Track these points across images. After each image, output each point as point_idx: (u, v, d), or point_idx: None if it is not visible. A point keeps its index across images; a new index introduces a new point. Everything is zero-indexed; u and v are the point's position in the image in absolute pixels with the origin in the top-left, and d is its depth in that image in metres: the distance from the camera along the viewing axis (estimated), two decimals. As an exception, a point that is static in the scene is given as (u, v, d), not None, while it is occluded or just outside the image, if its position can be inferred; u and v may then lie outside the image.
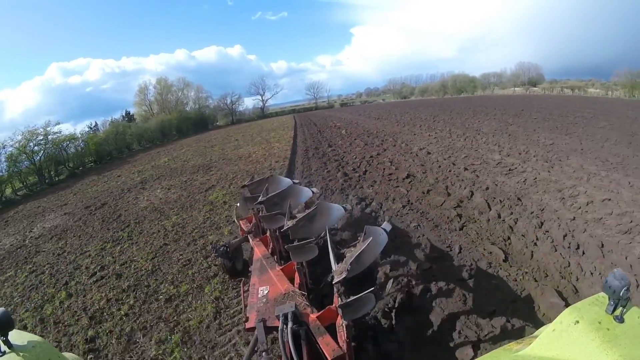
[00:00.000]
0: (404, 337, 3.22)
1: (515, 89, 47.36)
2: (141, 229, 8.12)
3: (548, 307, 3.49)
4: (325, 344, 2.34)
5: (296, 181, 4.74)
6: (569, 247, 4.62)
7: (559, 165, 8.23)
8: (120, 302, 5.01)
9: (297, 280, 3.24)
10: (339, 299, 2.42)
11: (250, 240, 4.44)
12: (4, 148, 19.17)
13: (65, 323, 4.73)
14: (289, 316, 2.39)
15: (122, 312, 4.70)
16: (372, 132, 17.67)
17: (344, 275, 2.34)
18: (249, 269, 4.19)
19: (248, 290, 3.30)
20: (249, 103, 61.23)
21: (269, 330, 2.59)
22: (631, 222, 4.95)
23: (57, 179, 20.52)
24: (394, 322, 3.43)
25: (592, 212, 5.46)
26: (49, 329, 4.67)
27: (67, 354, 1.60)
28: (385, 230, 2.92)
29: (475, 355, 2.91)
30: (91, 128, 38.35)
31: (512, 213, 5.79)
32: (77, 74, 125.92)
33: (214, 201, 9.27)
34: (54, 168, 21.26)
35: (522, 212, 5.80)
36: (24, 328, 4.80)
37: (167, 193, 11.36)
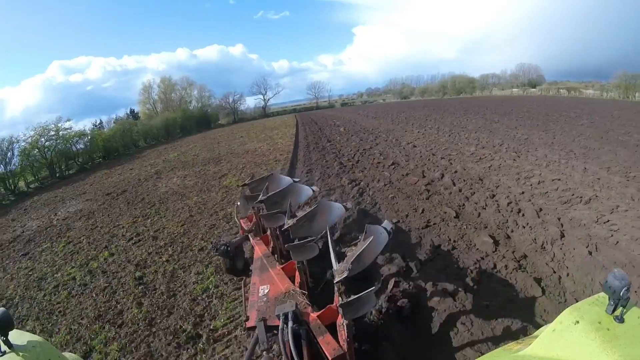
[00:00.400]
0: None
1: (513, 90, 48.38)
2: (167, 207, 9.12)
3: (481, 243, 4.81)
4: (326, 343, 2.35)
5: (296, 180, 4.73)
6: (511, 211, 5.78)
7: (525, 155, 9.38)
8: (159, 254, 6.15)
9: (297, 279, 3.24)
10: (340, 298, 2.42)
11: (251, 239, 4.44)
12: (17, 143, 19.92)
13: (113, 271, 5.81)
14: (289, 315, 2.40)
15: (164, 259, 5.86)
16: (368, 130, 18.63)
17: (345, 275, 2.34)
18: (250, 268, 4.20)
19: (249, 289, 3.30)
20: (250, 102, 61.48)
21: (269, 329, 2.59)
22: (572, 195, 6.13)
23: (67, 173, 21.35)
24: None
25: (540, 189, 6.67)
26: (97, 277, 5.71)
27: (67, 354, 1.61)
28: (385, 229, 2.91)
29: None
30: (96, 126, 38.46)
31: (471, 189, 7.07)
32: (79, 72, 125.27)
33: (228, 185, 10.38)
34: (64, 163, 22.10)
35: (479, 188, 7.07)
36: (73, 280, 5.78)
37: (183, 180, 12.31)
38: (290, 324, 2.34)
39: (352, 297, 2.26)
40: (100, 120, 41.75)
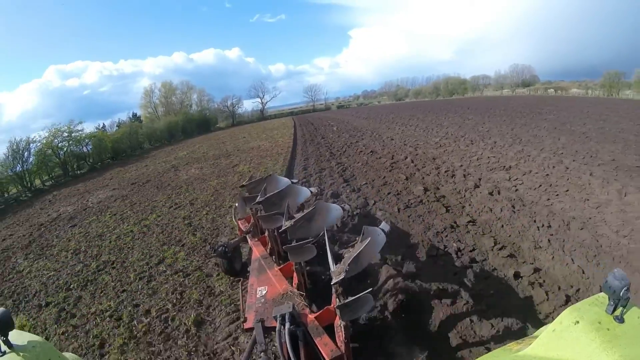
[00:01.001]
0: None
1: (503, 90, 50.66)
2: (193, 187, 11.13)
3: (416, 191, 7.17)
4: (323, 344, 2.33)
5: (294, 181, 4.72)
6: (446, 175, 8.12)
7: (477, 143, 11.40)
8: (199, 211, 8.31)
9: (295, 280, 3.23)
10: (337, 299, 2.41)
11: (249, 240, 4.42)
12: (33, 143, 21.39)
13: (165, 223, 7.83)
14: (287, 317, 2.38)
15: (204, 213, 8.07)
16: (357, 128, 21.28)
17: (342, 276, 2.33)
18: (248, 269, 4.17)
19: (246, 290, 3.28)
20: (247, 105, 63.12)
21: (267, 330, 2.57)
22: (499, 165, 8.36)
23: (78, 172, 22.76)
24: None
25: (475, 163, 8.97)
26: (153, 228, 7.62)
27: (67, 354, 1.59)
28: (383, 230, 2.91)
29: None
30: (97, 129, 39.12)
31: (424, 165, 9.56)
32: (75, 77, 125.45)
33: (242, 171, 12.49)
34: (76, 162, 23.70)
35: (430, 164, 9.50)
36: (131, 232, 7.60)
37: (201, 170, 14.30)
38: (287, 325, 2.32)
39: (350, 298, 2.25)
40: (103, 124, 42.78)
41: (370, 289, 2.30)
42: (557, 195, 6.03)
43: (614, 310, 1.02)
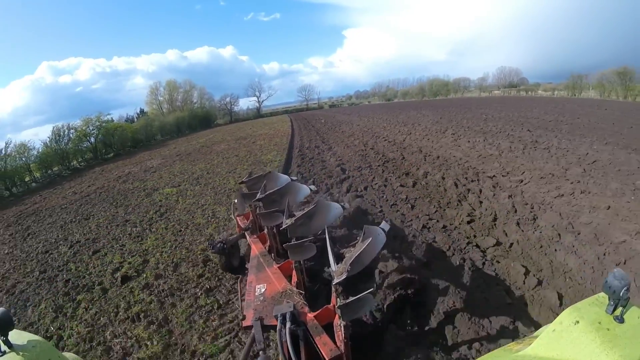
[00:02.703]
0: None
1: (482, 93, 55.70)
2: (228, 155, 16.26)
3: (372, 154, 11.69)
4: (323, 343, 2.34)
5: (294, 178, 4.72)
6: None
7: (411, 126, 18.32)
8: (242, 164, 13.25)
9: (294, 278, 3.23)
10: (337, 299, 2.42)
11: (248, 237, 4.41)
12: (72, 130, 26.04)
13: (224, 164, 13.94)
14: (287, 316, 2.38)
15: (244, 166, 12.71)
16: (340, 121, 28.36)
17: (344, 276, 2.33)
18: (246, 266, 4.17)
19: (245, 287, 3.28)
20: (242, 104, 66.52)
21: (266, 328, 2.58)
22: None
23: (107, 156, 26.65)
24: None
25: (397, 134, 15.84)
26: (219, 165, 13.79)
27: (67, 354, 1.58)
28: (383, 230, 2.92)
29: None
30: (126, 121, 43.77)
31: (368, 135, 16.37)
32: (68, 74, 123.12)
33: (261, 144, 18.33)
34: (104, 148, 28.07)
35: (380, 137, 15.35)
36: (205, 167, 13.92)
37: (228, 145, 19.88)
38: (288, 324, 2.33)
39: (351, 298, 2.25)
40: (112, 119, 45.25)
41: (371, 289, 2.31)
42: (437, 143, 12.16)
43: (614, 310, 1.03)
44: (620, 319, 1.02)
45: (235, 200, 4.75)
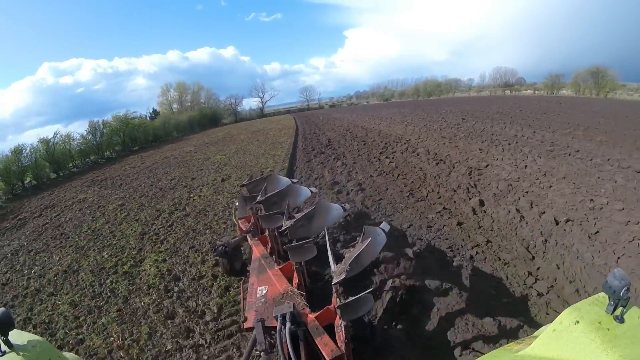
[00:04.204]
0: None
1: (471, 93, 58.60)
2: (251, 142, 19.60)
3: (356, 142, 14.79)
4: (324, 344, 2.34)
5: (294, 180, 4.73)
6: (377, 133, 16.42)
7: (389, 121, 21.49)
8: (266, 145, 17.38)
9: (295, 280, 3.23)
10: (338, 299, 2.42)
11: (249, 239, 4.42)
12: (104, 126, 28.24)
13: (251, 146, 17.87)
14: (287, 317, 2.38)
15: (265, 141, 19.12)
16: (334, 117, 33.16)
17: (343, 276, 2.33)
18: (248, 269, 4.17)
19: (247, 289, 3.28)
20: (245, 104, 68.67)
21: (267, 330, 2.58)
22: (405, 127, 17.52)
23: (133, 149, 28.89)
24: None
25: (377, 125, 19.85)
26: (249, 147, 17.47)
27: (67, 354, 1.59)
28: (383, 230, 2.92)
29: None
30: (149, 116, 47.47)
31: (352, 126, 21.39)
32: (69, 75, 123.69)
33: (274, 135, 21.84)
34: (130, 142, 30.63)
35: (354, 126, 21.33)
36: (238, 149, 17.76)
37: (246, 137, 23.18)
38: (288, 325, 2.33)
39: (350, 298, 2.25)
40: (153, 109, 50.80)
41: (371, 288, 2.31)
42: (391, 128, 17.28)
43: (614, 310, 1.02)
44: (621, 319, 1.01)
45: (237, 203, 4.76)
